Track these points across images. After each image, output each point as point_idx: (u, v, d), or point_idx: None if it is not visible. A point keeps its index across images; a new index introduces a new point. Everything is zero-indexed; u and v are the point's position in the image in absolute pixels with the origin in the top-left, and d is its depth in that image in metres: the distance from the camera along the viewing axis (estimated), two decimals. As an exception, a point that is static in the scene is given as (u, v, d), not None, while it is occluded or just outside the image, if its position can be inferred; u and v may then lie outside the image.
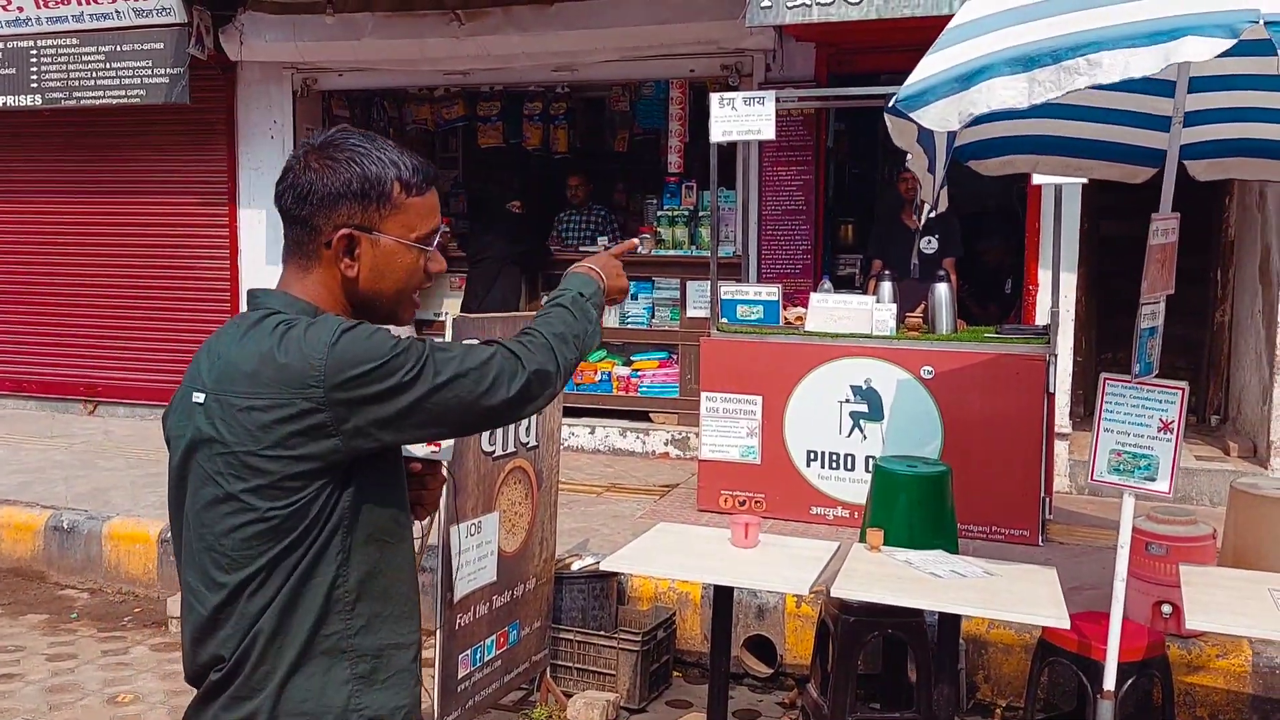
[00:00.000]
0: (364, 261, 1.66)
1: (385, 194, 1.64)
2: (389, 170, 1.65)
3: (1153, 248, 3.20)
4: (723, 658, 3.77)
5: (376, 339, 1.56)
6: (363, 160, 1.64)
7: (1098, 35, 2.48)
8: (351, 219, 1.64)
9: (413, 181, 1.66)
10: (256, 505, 1.55)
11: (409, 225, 1.67)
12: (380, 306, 1.70)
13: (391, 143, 1.71)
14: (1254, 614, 3.06)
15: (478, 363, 1.62)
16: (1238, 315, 7.28)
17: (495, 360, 1.65)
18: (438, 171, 1.75)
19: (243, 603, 1.58)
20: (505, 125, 9.13)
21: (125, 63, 8.17)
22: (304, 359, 1.53)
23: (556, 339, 1.74)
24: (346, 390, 1.53)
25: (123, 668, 4.87)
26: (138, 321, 9.11)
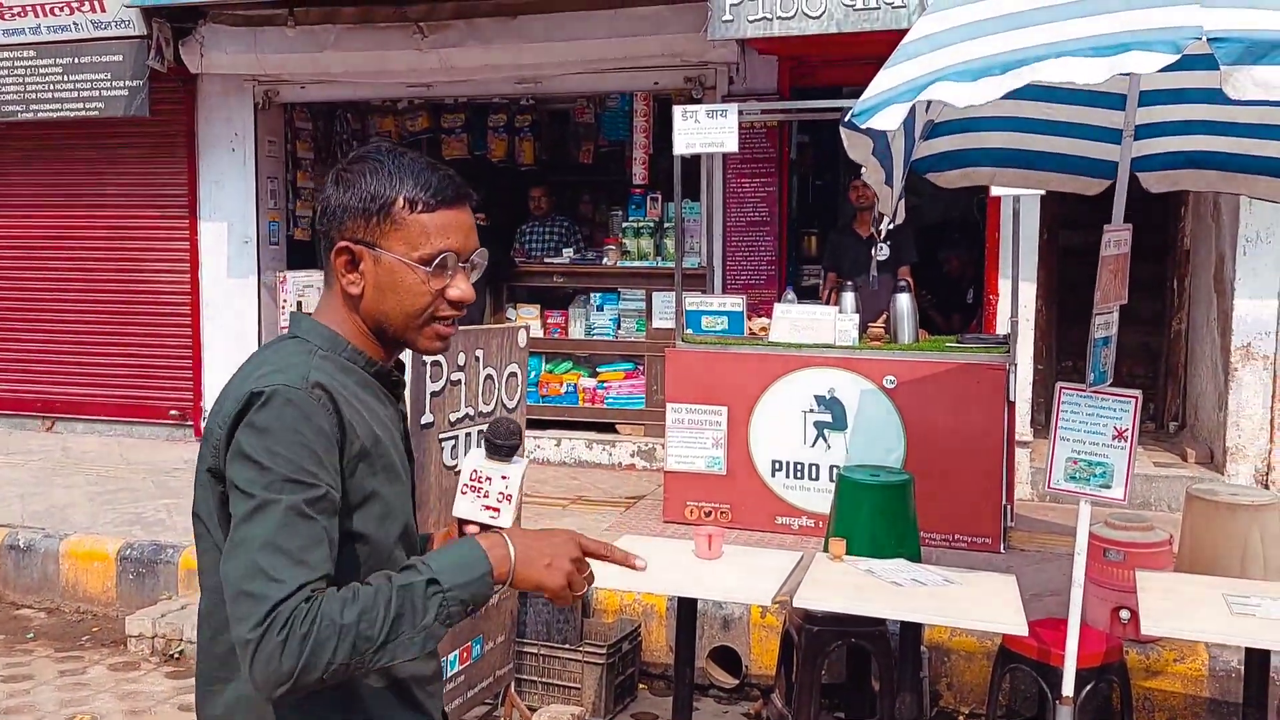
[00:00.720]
0: (367, 279, 1.59)
1: (387, 209, 1.57)
2: (396, 185, 1.57)
3: (1105, 258, 3.25)
4: (687, 669, 3.78)
5: (290, 430, 1.45)
6: (373, 175, 1.58)
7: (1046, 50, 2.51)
8: (354, 234, 1.58)
9: (420, 198, 1.57)
10: (214, 516, 1.56)
11: (411, 243, 1.57)
12: (389, 329, 1.62)
13: (424, 159, 1.63)
14: (1209, 619, 3.11)
15: (268, 568, 1.38)
16: (1194, 323, 7.40)
17: (270, 595, 1.37)
18: (466, 193, 1.62)
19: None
20: (470, 137, 9.12)
21: (84, 75, 8.10)
22: (234, 397, 1.51)
23: (332, 631, 1.36)
24: (230, 448, 1.48)
25: (80, 688, 4.80)
26: (96, 336, 9.00)
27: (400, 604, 1.40)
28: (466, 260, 1.63)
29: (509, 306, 8.25)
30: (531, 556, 1.51)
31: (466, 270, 1.63)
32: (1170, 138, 3.80)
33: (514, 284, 8.28)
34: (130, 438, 8.83)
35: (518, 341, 4.25)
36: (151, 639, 5.17)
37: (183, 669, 5.00)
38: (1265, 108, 3.45)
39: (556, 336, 8.05)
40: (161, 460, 7.91)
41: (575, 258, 8.19)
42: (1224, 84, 2.27)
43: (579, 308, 8.05)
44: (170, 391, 8.80)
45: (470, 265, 1.64)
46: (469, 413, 3.92)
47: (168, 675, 4.94)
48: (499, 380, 4.11)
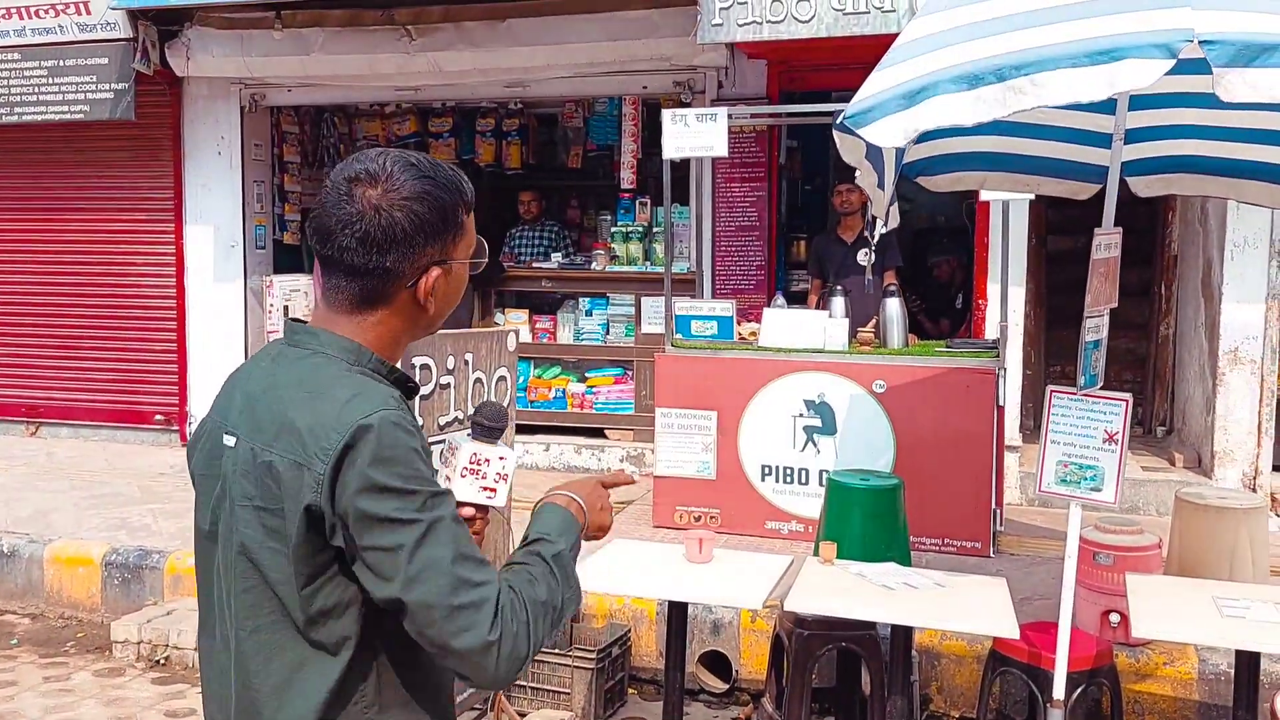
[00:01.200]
0: (438, 294, 1.57)
1: (458, 220, 1.56)
2: (455, 195, 1.55)
3: (1096, 261, 3.26)
4: (678, 673, 3.76)
5: (410, 451, 1.44)
6: (438, 193, 1.53)
7: (1039, 54, 2.52)
8: (435, 257, 1.54)
9: (471, 201, 1.58)
10: (280, 564, 1.47)
11: (469, 244, 1.60)
12: (435, 329, 1.64)
13: (426, 157, 1.60)
14: (1200, 621, 3.11)
15: (469, 577, 1.42)
16: (1181, 329, 7.43)
17: (488, 596, 1.42)
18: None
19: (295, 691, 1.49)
20: (458, 141, 9.10)
21: (69, 78, 8.04)
22: (326, 429, 1.43)
23: (536, 607, 1.48)
24: (350, 484, 1.41)
25: (64, 694, 4.75)
26: (81, 340, 8.93)
27: (559, 572, 1.55)
28: None
29: (497, 311, 8.23)
30: (593, 504, 1.70)
31: None
32: (1160, 142, 3.81)
33: (502, 289, 8.26)
34: (115, 442, 8.77)
35: (507, 345, 4.24)
36: (137, 645, 5.12)
37: (168, 675, 4.95)
38: (1254, 112, 3.46)
39: (545, 341, 8.03)
40: (147, 465, 7.85)
41: (564, 262, 8.17)
42: (1216, 86, 2.28)
43: (568, 313, 8.04)
44: (155, 396, 8.74)
45: None
46: (458, 416, 3.90)
47: (153, 681, 4.89)
48: (488, 384, 4.09)
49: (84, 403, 8.91)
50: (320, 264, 1.58)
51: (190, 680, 4.90)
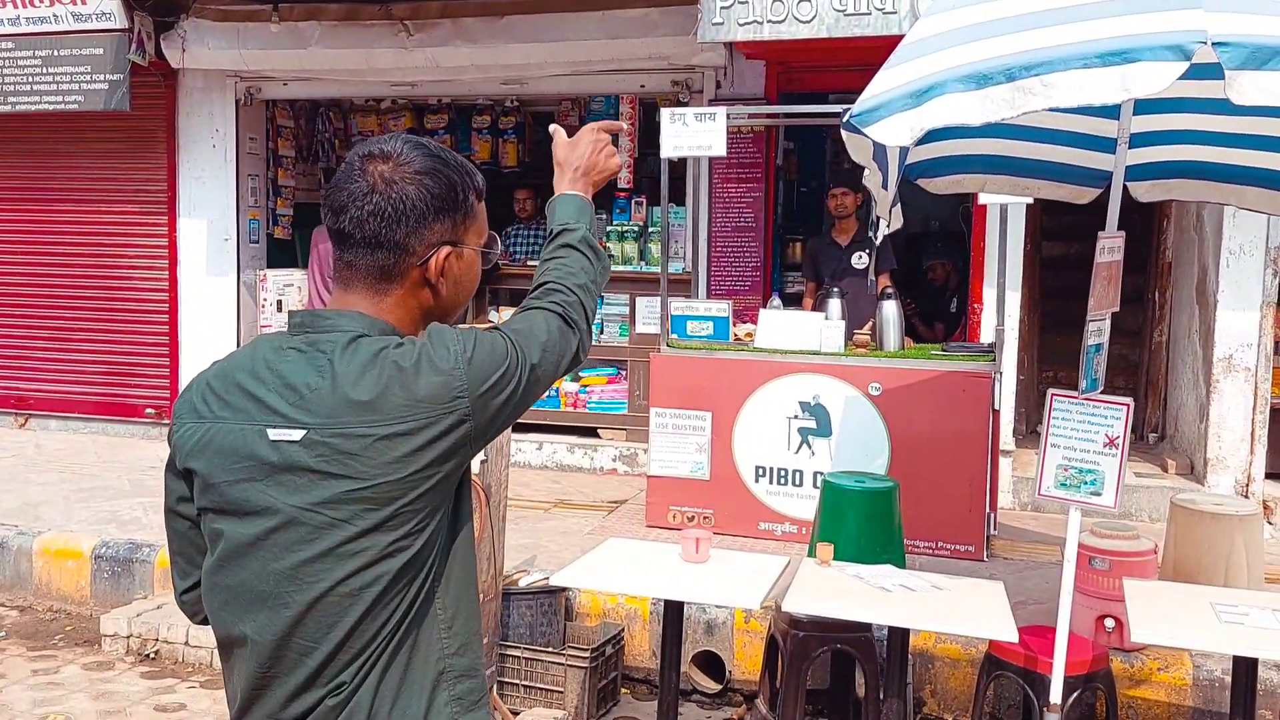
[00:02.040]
0: (449, 278, 1.60)
1: (469, 203, 1.61)
2: (465, 176, 1.60)
3: (1099, 265, 3.25)
4: (673, 673, 3.74)
5: (497, 345, 1.56)
6: (448, 172, 1.58)
7: (1049, 55, 2.51)
8: (444, 235, 1.58)
9: (481, 187, 1.64)
10: (381, 541, 1.47)
11: (480, 231, 1.65)
12: (450, 316, 1.66)
13: (438, 143, 1.65)
14: (1198, 627, 3.11)
15: (546, 335, 1.63)
16: (1175, 335, 7.44)
17: (554, 328, 1.65)
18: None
19: (356, 640, 1.50)
20: (453, 139, 9.06)
21: (63, 68, 7.99)
22: (444, 376, 1.49)
23: (583, 292, 1.73)
24: (486, 398, 1.52)
25: (53, 687, 4.71)
26: (72, 332, 8.88)
27: (588, 252, 1.77)
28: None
29: (492, 309, 8.20)
30: (587, 166, 1.85)
31: None
32: (1162, 147, 3.81)
33: (497, 286, 8.23)
34: (106, 435, 8.71)
35: (505, 341, 4.21)
36: (127, 639, 5.08)
37: (158, 669, 4.92)
38: (1256, 118, 3.47)
39: (539, 339, 8.00)
40: (137, 459, 7.80)
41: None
42: (1228, 89, 2.27)
43: (562, 311, 8.00)
44: (147, 389, 8.69)
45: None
46: (455, 412, 3.88)
47: (143, 675, 4.86)
48: (486, 380, 4.07)
49: (74, 395, 8.85)
50: (335, 242, 1.59)
51: (180, 674, 4.86)
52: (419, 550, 1.51)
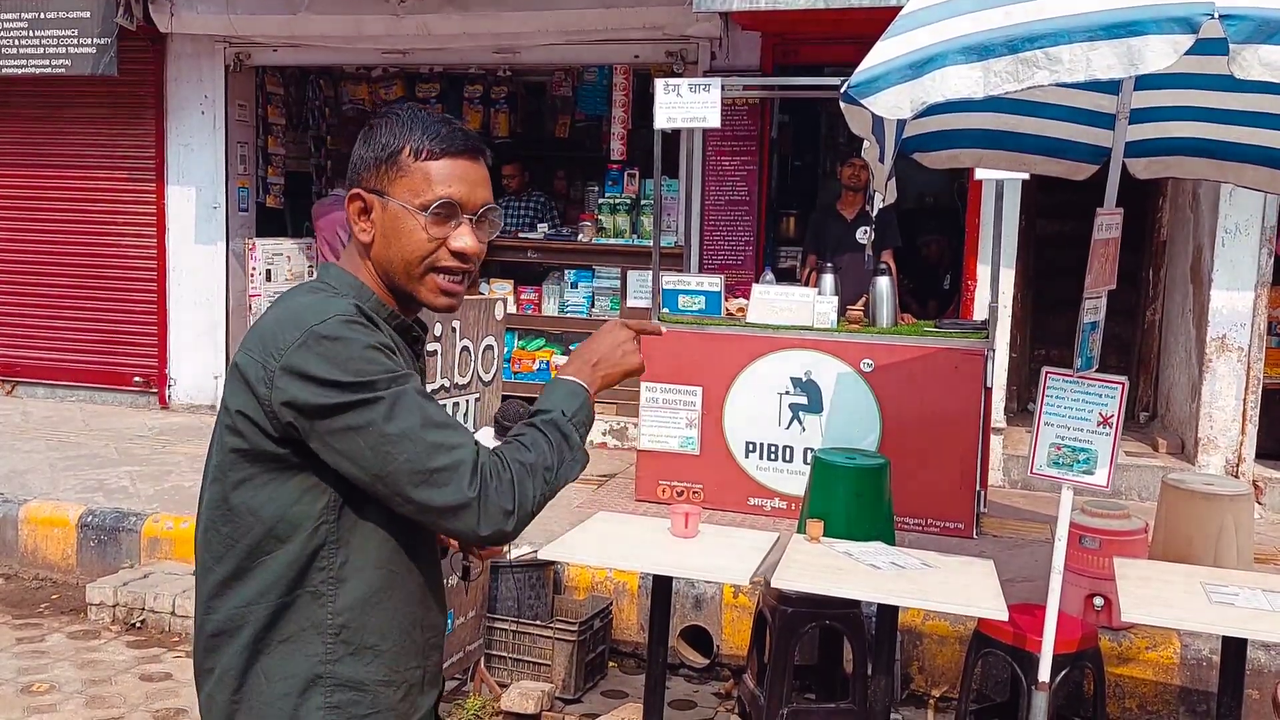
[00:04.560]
0: (377, 227, 1.64)
1: (395, 157, 1.62)
2: (405, 135, 1.62)
3: (1097, 242, 3.22)
4: (661, 648, 3.73)
5: (364, 347, 1.51)
6: (387, 127, 1.64)
7: (1052, 26, 2.46)
8: (367, 182, 1.64)
9: (425, 146, 1.61)
10: (238, 474, 1.57)
11: (414, 190, 1.61)
12: (394, 279, 1.65)
13: (441, 115, 1.67)
14: (1191, 607, 3.10)
15: (426, 458, 1.49)
16: (1168, 314, 7.43)
17: (463, 458, 1.50)
18: (475, 147, 1.66)
19: (228, 596, 1.58)
20: (445, 108, 8.96)
21: (49, 31, 7.87)
22: (264, 357, 1.53)
23: (526, 472, 1.55)
24: (290, 391, 1.50)
25: (39, 656, 4.69)
26: (60, 300, 8.79)
27: (556, 436, 1.60)
28: (475, 213, 1.65)
29: (482, 281, 8.14)
30: (604, 359, 1.72)
31: (473, 223, 1.65)
32: (1161, 123, 3.77)
33: (487, 258, 8.15)
34: (93, 404, 8.66)
35: (494, 314, 4.18)
36: (113, 608, 5.06)
37: (144, 638, 4.89)
38: (1255, 95, 3.42)
39: (530, 313, 7.95)
40: (125, 427, 7.75)
41: (549, 233, 8.08)
42: (1231, 63, 2.23)
43: (553, 285, 7.96)
44: (134, 358, 8.63)
45: (479, 219, 1.66)
46: (444, 384, 3.84)
47: (128, 644, 4.84)
48: (475, 352, 4.04)
49: (62, 363, 8.78)
50: None
51: (166, 644, 4.84)
52: (278, 530, 1.55)
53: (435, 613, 1.71)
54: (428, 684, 1.70)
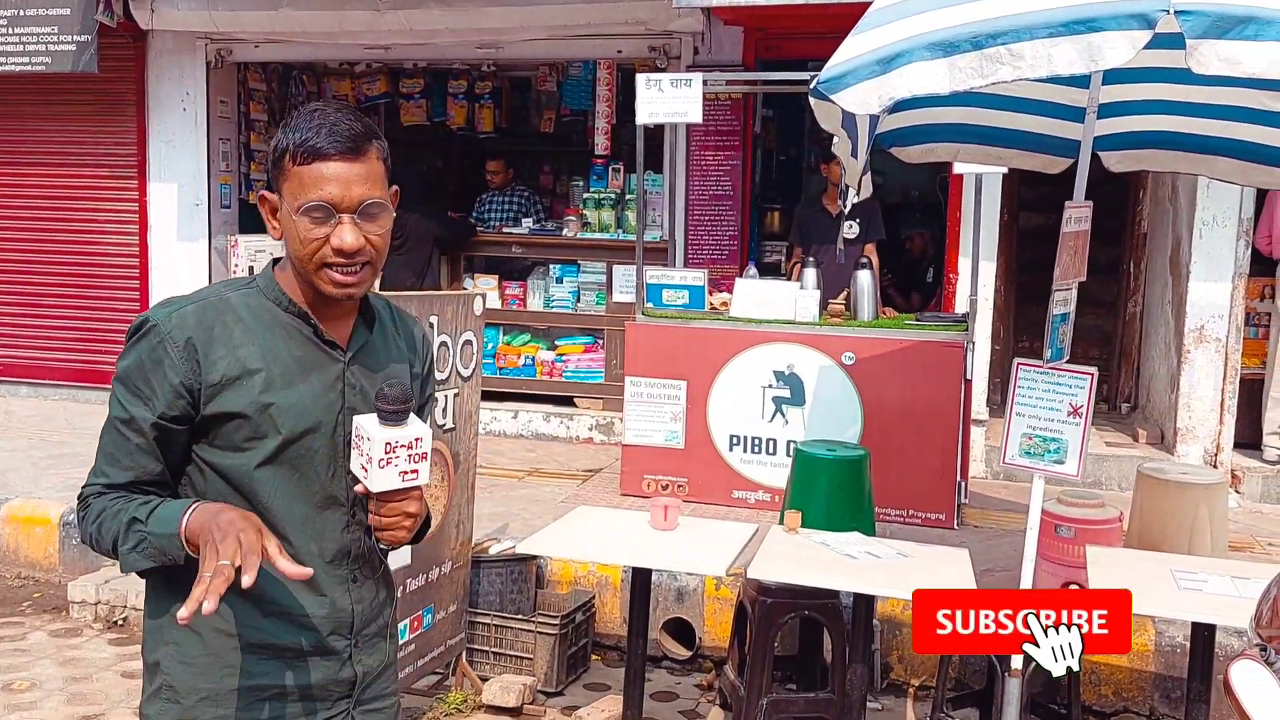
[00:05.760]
0: (281, 225, 1.75)
1: (280, 161, 1.71)
2: (288, 138, 1.70)
3: (1066, 235, 3.25)
4: (641, 639, 3.76)
5: (123, 363, 1.76)
6: (281, 129, 1.73)
7: (1015, 23, 2.49)
8: (272, 183, 1.75)
9: (299, 151, 1.68)
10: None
11: (294, 193, 1.70)
12: (301, 272, 1.75)
13: (335, 113, 1.71)
14: (1158, 594, 3.14)
15: (95, 470, 1.77)
16: (1149, 306, 7.48)
17: (86, 493, 1.77)
18: (352, 146, 1.69)
19: None
20: (429, 103, 8.97)
21: (29, 28, 7.84)
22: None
23: (95, 531, 1.74)
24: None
25: (20, 654, 4.69)
26: (42, 298, 8.76)
27: (120, 530, 1.69)
28: (355, 210, 1.69)
29: (467, 277, 8.15)
30: (206, 525, 1.60)
31: (355, 219, 1.70)
32: (1132, 117, 3.81)
33: (471, 254, 8.18)
34: (75, 402, 8.63)
35: (473, 309, 4.19)
36: (94, 605, 5.06)
37: (125, 636, 4.90)
38: (1226, 89, 3.46)
39: (514, 308, 7.96)
40: (108, 425, 7.73)
41: (534, 228, 8.08)
42: (1189, 58, 2.26)
43: (538, 279, 7.97)
44: (117, 356, 8.57)
45: (362, 213, 1.70)
46: (423, 380, 3.86)
47: (110, 642, 4.84)
48: (453, 348, 4.05)
49: (44, 361, 8.75)
50: None
51: (149, 642, 4.84)
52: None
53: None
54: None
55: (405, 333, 1.95)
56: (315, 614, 1.77)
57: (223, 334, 1.72)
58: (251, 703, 1.74)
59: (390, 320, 1.93)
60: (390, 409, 1.67)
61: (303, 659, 1.76)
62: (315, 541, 1.77)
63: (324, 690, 1.79)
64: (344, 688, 1.82)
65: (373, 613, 1.86)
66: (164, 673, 1.76)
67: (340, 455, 1.76)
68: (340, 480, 1.77)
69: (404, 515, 1.71)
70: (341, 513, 1.79)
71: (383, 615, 1.90)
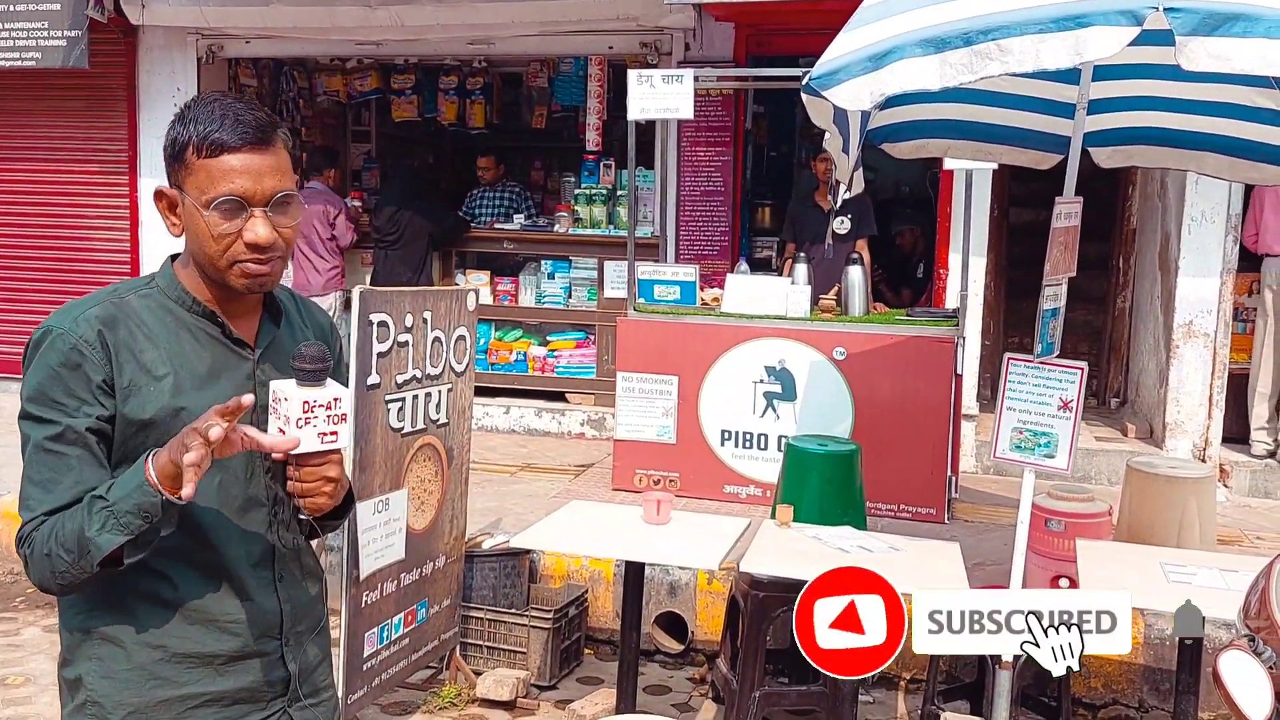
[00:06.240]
0: (182, 221, 1.70)
1: (182, 155, 1.66)
2: (189, 131, 1.65)
3: (1056, 230, 3.27)
4: (634, 633, 3.78)
5: (49, 370, 1.64)
6: (178, 122, 1.68)
7: (1005, 19, 2.51)
8: (170, 178, 1.71)
9: (204, 144, 1.64)
10: None
11: (200, 187, 1.65)
12: (207, 270, 1.71)
13: (233, 105, 1.67)
14: (1146, 587, 3.17)
15: (26, 498, 1.66)
16: (1138, 301, 7.52)
17: (25, 520, 1.66)
18: (259, 137, 1.65)
19: None
20: (420, 99, 8.97)
21: (19, 24, 7.82)
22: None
23: (44, 560, 1.61)
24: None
25: (13, 649, 4.69)
26: (32, 293, 8.74)
27: (83, 519, 1.58)
28: (267, 203, 1.66)
29: (458, 272, 8.15)
30: (169, 444, 1.58)
31: (267, 212, 1.66)
32: (1122, 113, 3.83)
33: (463, 249, 8.18)
34: (67, 399, 8.61)
35: (466, 304, 4.20)
36: (87, 602, 5.05)
37: (120, 632, 4.90)
38: (1214, 85, 3.49)
39: (506, 304, 7.97)
40: (99, 422, 7.71)
41: (526, 224, 8.09)
42: (1178, 55, 2.28)
43: (529, 275, 7.98)
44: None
45: (274, 206, 1.67)
46: (416, 375, 3.87)
47: (104, 639, 4.84)
48: (447, 343, 4.06)
49: (34, 357, 8.72)
50: None
51: (142, 638, 4.85)
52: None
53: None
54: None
55: (313, 324, 1.90)
56: (242, 618, 1.73)
57: (126, 338, 1.67)
58: (181, 712, 1.69)
59: (297, 312, 1.88)
60: (309, 368, 1.63)
61: (232, 664, 1.73)
62: (240, 545, 1.73)
63: (257, 693, 1.76)
64: (278, 688, 1.79)
65: (303, 610, 1.83)
66: (87, 688, 1.69)
67: (258, 456, 1.71)
68: (259, 481, 1.74)
69: (324, 480, 1.66)
70: (263, 513, 1.76)
71: (314, 611, 1.87)
